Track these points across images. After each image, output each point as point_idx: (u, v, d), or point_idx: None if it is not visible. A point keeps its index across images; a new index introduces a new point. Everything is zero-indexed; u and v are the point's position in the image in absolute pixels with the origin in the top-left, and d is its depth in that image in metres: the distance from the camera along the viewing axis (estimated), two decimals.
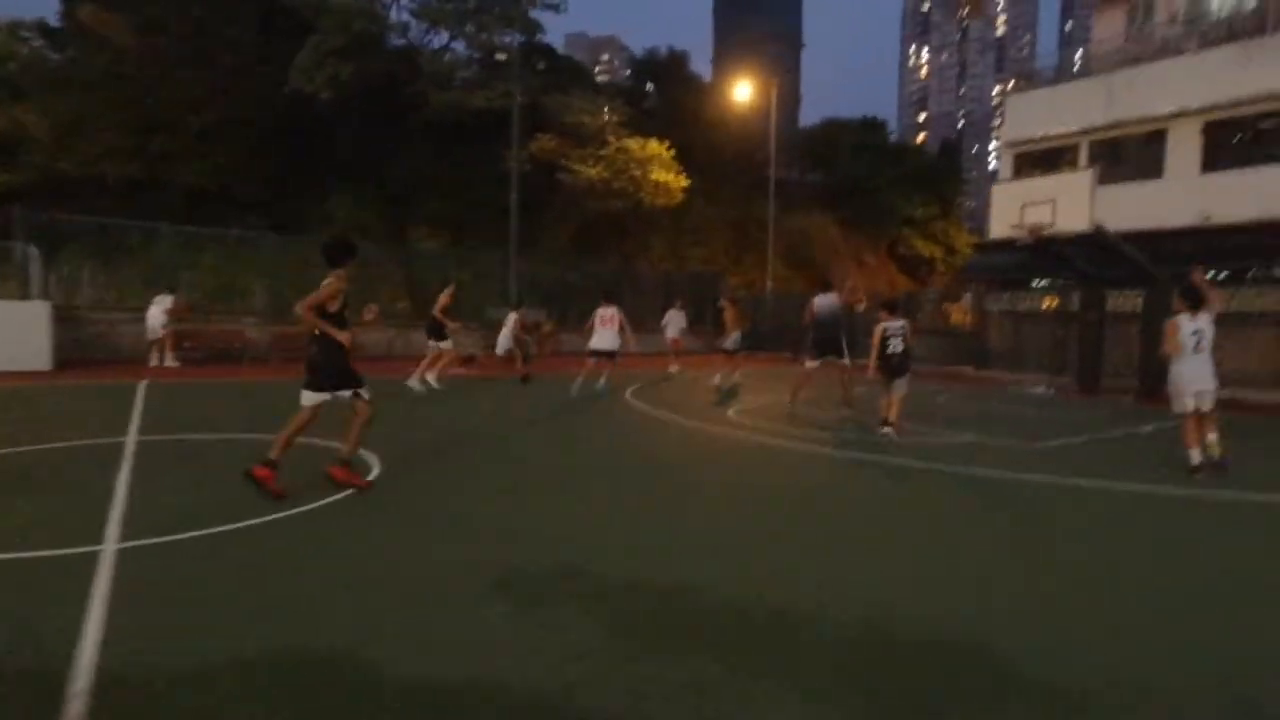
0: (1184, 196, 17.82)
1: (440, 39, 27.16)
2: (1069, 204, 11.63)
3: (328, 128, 25.55)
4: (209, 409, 10.08)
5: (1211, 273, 16.79)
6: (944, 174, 52.33)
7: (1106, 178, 19.37)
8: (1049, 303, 17.59)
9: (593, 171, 27.40)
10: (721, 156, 39.99)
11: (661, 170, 28.84)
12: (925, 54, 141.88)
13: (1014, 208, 12.32)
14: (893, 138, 57.55)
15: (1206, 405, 6.96)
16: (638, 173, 28.35)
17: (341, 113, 24.97)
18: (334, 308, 5.20)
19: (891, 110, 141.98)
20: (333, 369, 5.30)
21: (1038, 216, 12.00)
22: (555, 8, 26.81)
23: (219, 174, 21.48)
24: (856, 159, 48.31)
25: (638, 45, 44.94)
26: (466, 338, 14.69)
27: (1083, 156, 19.60)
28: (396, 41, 27.38)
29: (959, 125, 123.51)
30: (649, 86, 39.58)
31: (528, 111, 25.78)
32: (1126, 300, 14.39)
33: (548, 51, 31.96)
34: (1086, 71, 21.45)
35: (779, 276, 39.76)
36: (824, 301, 10.53)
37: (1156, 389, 13.21)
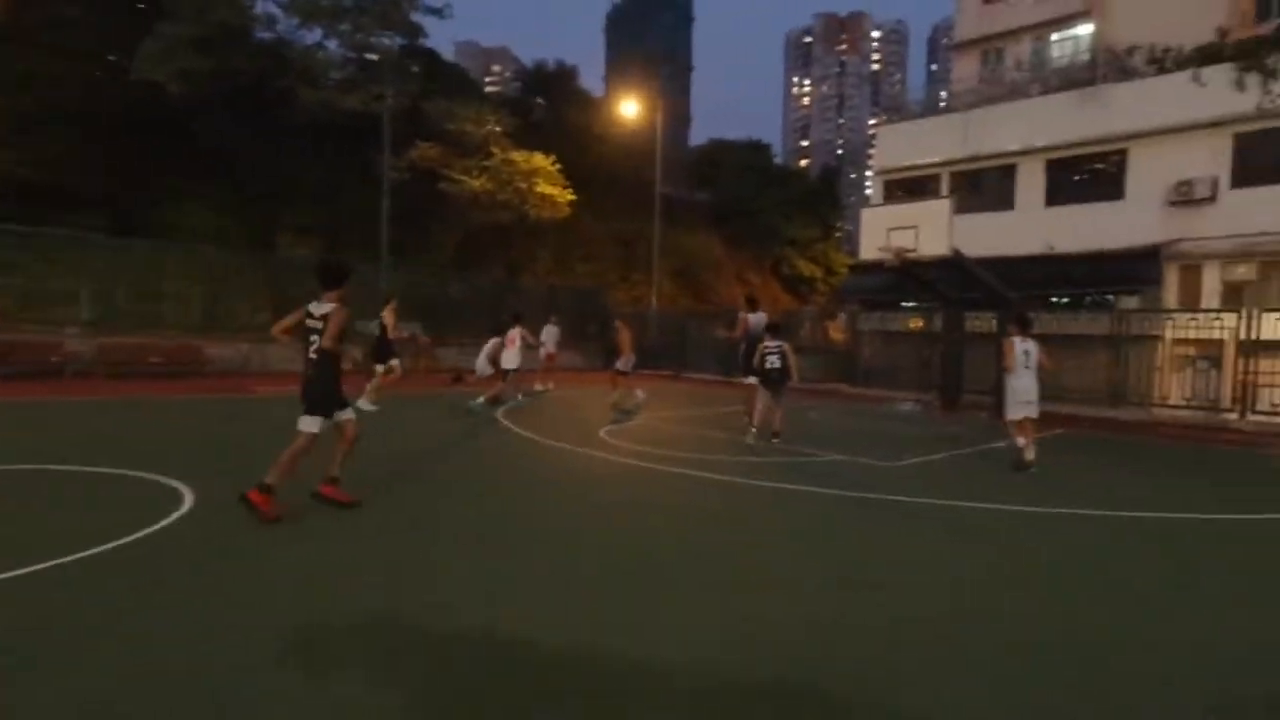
0: (1031, 227, 19.25)
1: (314, 36, 25.65)
2: (930, 230, 12.15)
3: (184, 122, 23.47)
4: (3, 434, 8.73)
5: (1054, 298, 18.21)
6: (824, 198, 54.87)
7: (965, 207, 20.66)
8: (915, 323, 18.45)
9: (476, 183, 26.64)
10: (610, 172, 40.06)
11: (547, 184, 28.44)
12: (807, 84, 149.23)
13: (881, 231, 12.76)
14: (776, 160, 59.84)
15: (1033, 413, 8.27)
16: (523, 185, 27.83)
17: (200, 107, 23.01)
18: (332, 332, 5.23)
19: (777, 135, 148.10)
20: (332, 394, 5.37)
21: (902, 240, 12.47)
22: (439, 12, 25.94)
23: (43, 166, 19.12)
24: (742, 180, 49.81)
25: (531, 58, 44.39)
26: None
27: (944, 186, 20.80)
28: (264, 35, 25.63)
29: (838, 152, 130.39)
30: (538, 100, 39.16)
31: (408, 117, 24.72)
32: (984, 321, 15.22)
33: (430, 56, 30.92)
34: (947, 108, 22.87)
35: (665, 293, 40.17)
36: (756, 319, 10.99)
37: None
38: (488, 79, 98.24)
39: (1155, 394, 14.29)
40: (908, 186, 21.78)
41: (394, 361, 11.84)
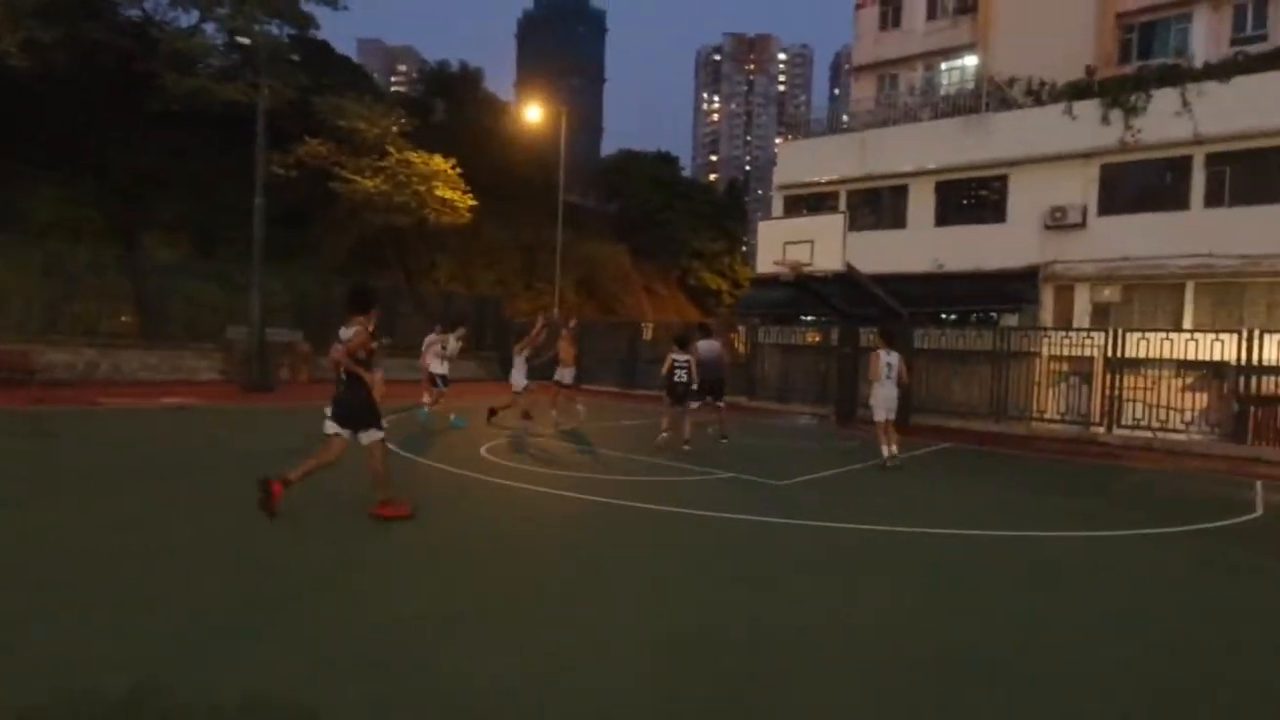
0: (922, 246, 19.91)
1: (190, 18, 23.75)
2: (825, 244, 12.20)
3: (32, 103, 21.17)
4: None
5: (943, 315, 18.85)
6: (731, 212, 55.91)
7: (862, 225, 21.21)
8: (813, 337, 18.69)
9: (370, 183, 25.34)
10: (515, 179, 39.28)
11: (447, 187, 27.42)
12: (717, 101, 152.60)
13: (778, 244, 12.73)
14: (685, 174, 60.48)
15: (893, 416, 9.55)
16: (421, 188, 26.70)
17: (52, 87, 20.81)
18: (363, 353, 5.58)
19: (687, 150, 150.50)
20: (363, 407, 5.66)
21: (798, 254, 12.47)
22: (332, 4, 24.54)
23: None
24: (651, 191, 50.01)
25: (439, 60, 42.96)
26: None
27: (842, 203, 21.26)
28: (131, 12, 23.56)
29: (746, 169, 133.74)
30: (440, 101, 37.93)
31: (296, 112, 23.20)
32: (877, 338, 15.50)
33: (323, 49, 29.32)
34: (846, 128, 23.48)
35: (570, 303, 39.65)
36: (707, 346, 11.38)
37: (904, 420, 14.22)
38: (393, 79, 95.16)
39: (1034, 408, 14.89)
40: (807, 202, 22.16)
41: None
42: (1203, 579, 5.25)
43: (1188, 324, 16.33)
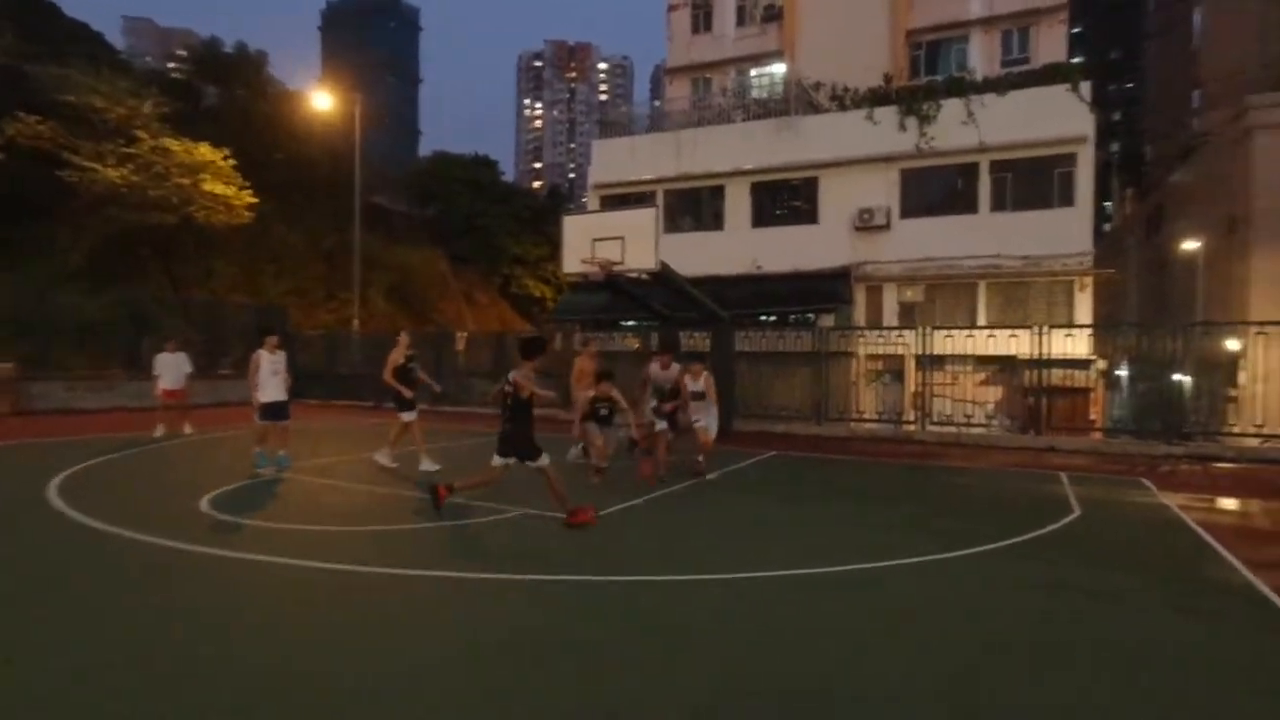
0: (740, 247, 19.63)
1: None
2: (636, 241, 11.08)
3: None
4: None
5: (762, 316, 18.58)
6: (553, 216, 54.25)
7: (680, 226, 20.60)
8: (632, 342, 17.68)
9: (114, 173, 21.14)
10: (313, 178, 35.32)
11: (218, 182, 23.63)
12: (539, 107, 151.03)
13: (586, 242, 11.43)
14: (505, 178, 58.23)
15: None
16: (185, 181, 22.76)
17: None
18: (525, 393, 6.37)
19: (510, 155, 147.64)
20: (526, 440, 6.42)
21: (608, 253, 11.24)
22: None
23: None
24: (469, 196, 47.41)
25: (232, 44, 37.35)
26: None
27: (659, 203, 20.50)
28: None
29: (570, 176, 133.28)
30: (216, 88, 33.19)
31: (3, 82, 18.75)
32: (700, 340, 14.69)
33: (45, 10, 24.31)
34: (662, 127, 22.86)
35: (381, 313, 36.31)
36: (663, 374, 9.40)
37: (726, 429, 13.41)
38: (171, 65, 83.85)
39: (853, 409, 14.74)
40: (624, 202, 21.20)
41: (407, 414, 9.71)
42: (1077, 612, 4.48)
43: (982, 321, 17.12)
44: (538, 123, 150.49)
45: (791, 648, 3.80)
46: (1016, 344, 13.24)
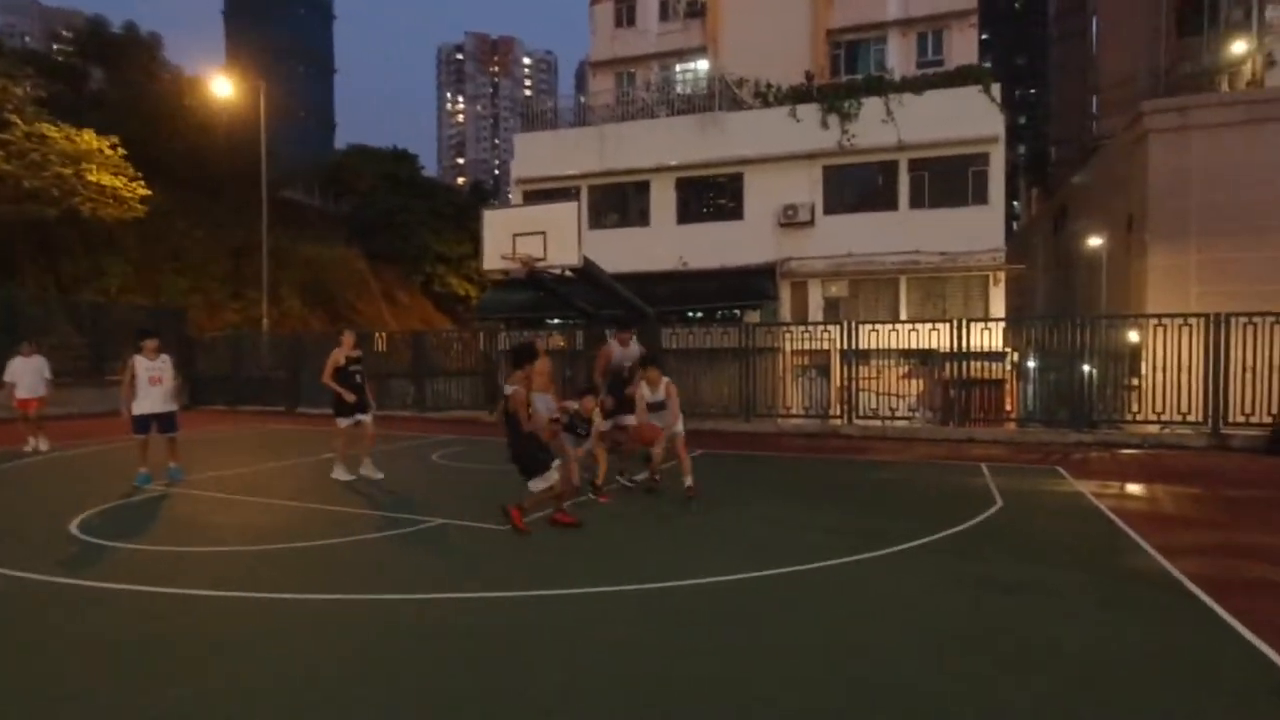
0: (666, 244, 19.44)
1: None
2: (558, 236, 10.68)
3: None
4: None
5: (689, 313, 18.44)
6: (476, 213, 53.05)
7: (607, 223, 20.27)
8: (556, 341, 17.22)
9: None
10: (217, 171, 33.30)
11: (105, 172, 21.89)
12: (461, 101, 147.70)
13: (507, 237, 10.96)
14: (426, 173, 56.53)
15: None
16: (66, 171, 20.98)
17: None
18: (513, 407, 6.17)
19: (432, 151, 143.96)
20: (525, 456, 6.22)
21: (529, 248, 10.81)
22: None
23: None
24: (386, 191, 45.75)
25: (94, 14, 34.08)
26: None
27: (584, 200, 20.12)
28: None
29: (495, 173, 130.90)
30: (103, 71, 30.86)
31: None
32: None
33: None
34: (586, 122, 22.46)
35: (294, 313, 34.63)
36: (624, 352, 8.55)
37: None
38: (56, 47, 77.73)
39: (781, 405, 14.74)
40: (548, 197, 20.69)
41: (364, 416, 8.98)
42: (1006, 607, 4.38)
43: (904, 316, 17.46)
44: (460, 117, 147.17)
45: (701, 658, 3.52)
46: (937, 337, 13.49)
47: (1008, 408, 17.08)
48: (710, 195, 19.87)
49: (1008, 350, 16.65)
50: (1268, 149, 15.95)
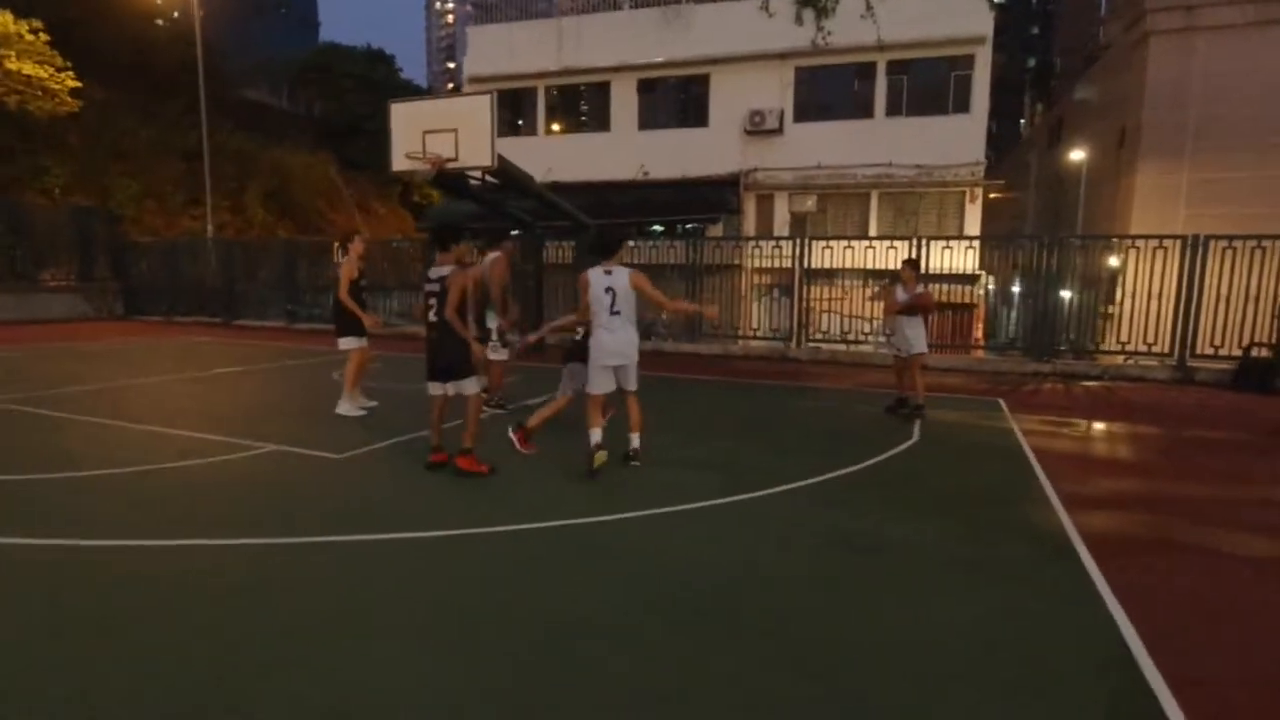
0: (627, 151, 18.14)
1: None
2: (471, 134, 9.59)
3: None
4: None
5: (650, 226, 17.37)
6: None
7: (566, 128, 18.89)
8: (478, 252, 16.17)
9: None
10: (166, 66, 31.26)
11: (30, 62, 20.28)
12: (450, 2, 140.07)
13: (417, 134, 9.86)
14: (406, 76, 53.69)
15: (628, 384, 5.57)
16: None
17: None
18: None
19: (420, 56, 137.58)
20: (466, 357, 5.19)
21: (440, 147, 9.73)
22: None
23: None
24: (359, 93, 43.45)
25: None
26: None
27: (540, 101, 18.74)
28: None
29: None
30: None
31: None
32: (566, 251, 13.45)
33: None
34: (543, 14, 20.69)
35: (260, 222, 33.31)
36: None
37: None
38: None
39: (738, 326, 13.82)
40: (504, 99, 19.25)
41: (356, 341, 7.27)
42: (844, 570, 3.69)
43: (873, 233, 16.40)
44: (450, 18, 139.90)
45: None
46: (895, 256, 12.49)
47: (977, 334, 16.28)
48: (674, 98, 18.41)
49: (980, 273, 15.71)
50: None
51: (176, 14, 29.91)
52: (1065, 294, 12.58)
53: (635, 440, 5.62)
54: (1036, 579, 3.63)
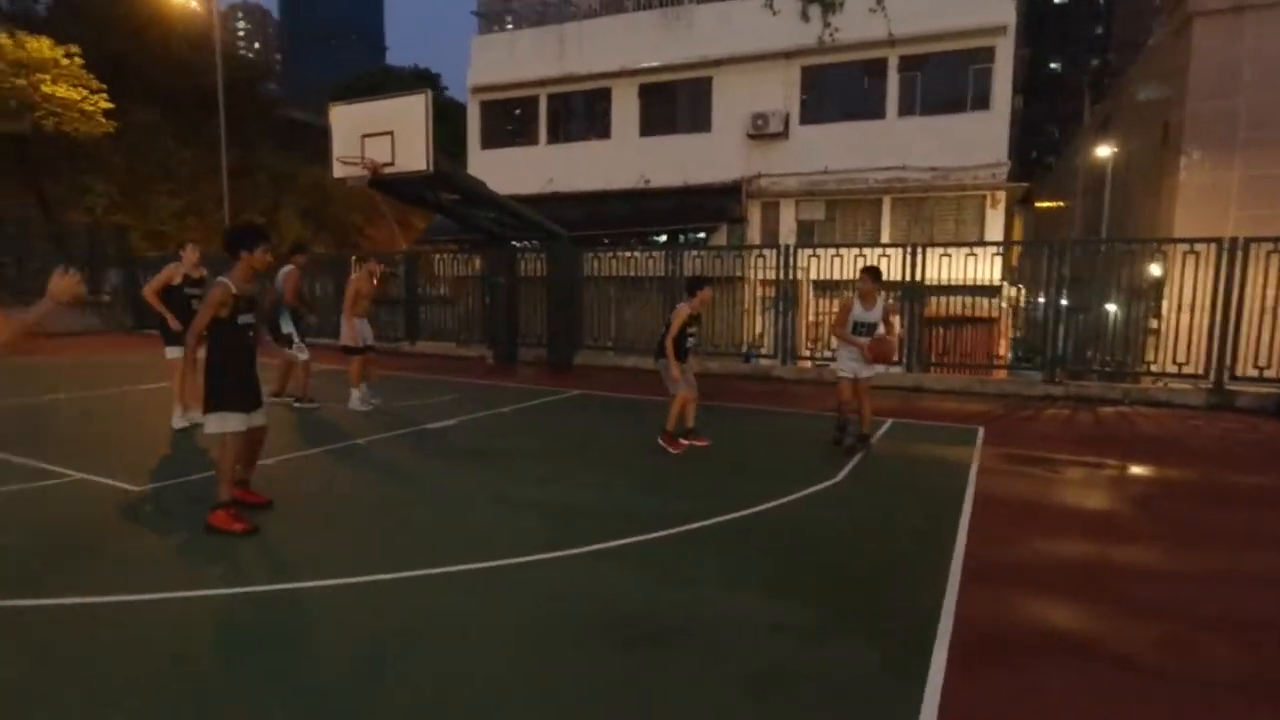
0: (628, 159, 17.46)
1: None
2: (407, 136, 9.05)
3: None
4: None
5: (651, 236, 16.58)
6: None
7: (567, 135, 18.33)
8: (375, 267, 15.49)
9: None
10: (207, 86, 32.27)
11: (66, 84, 20.99)
12: (509, 22, 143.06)
13: (355, 138, 9.39)
14: (461, 100, 54.63)
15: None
16: (20, 81, 20.20)
17: None
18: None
19: None
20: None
21: (378, 151, 9.23)
22: None
23: None
24: None
25: None
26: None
27: (542, 109, 18.27)
28: None
29: None
30: None
31: None
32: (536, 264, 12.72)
33: None
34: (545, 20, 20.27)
35: (295, 237, 33.99)
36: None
37: (566, 363, 11.73)
38: None
39: (745, 339, 12.77)
40: (506, 109, 18.92)
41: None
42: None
43: (885, 240, 15.18)
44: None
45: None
46: (889, 265, 11.31)
47: (1000, 351, 14.80)
48: (676, 103, 17.61)
49: (1002, 284, 14.31)
50: None
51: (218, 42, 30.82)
52: (1066, 304, 11.13)
53: None
54: (846, 707, 2.65)
